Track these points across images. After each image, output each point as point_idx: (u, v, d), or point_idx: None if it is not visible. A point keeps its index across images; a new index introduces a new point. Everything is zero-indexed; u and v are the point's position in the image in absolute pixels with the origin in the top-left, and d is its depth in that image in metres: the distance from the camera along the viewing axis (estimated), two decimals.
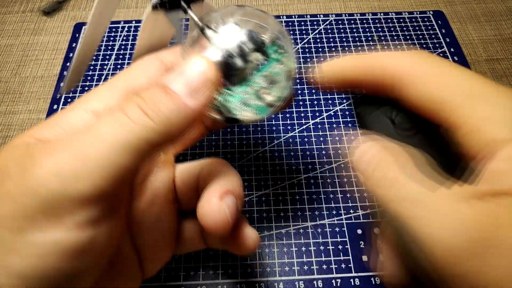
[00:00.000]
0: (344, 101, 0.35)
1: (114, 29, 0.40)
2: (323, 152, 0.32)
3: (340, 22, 0.41)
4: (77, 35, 0.40)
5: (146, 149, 0.15)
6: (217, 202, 0.18)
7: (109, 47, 0.39)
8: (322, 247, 0.28)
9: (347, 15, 0.42)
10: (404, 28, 0.40)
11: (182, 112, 0.16)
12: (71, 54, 0.39)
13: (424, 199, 0.15)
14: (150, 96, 0.16)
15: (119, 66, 0.37)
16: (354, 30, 0.40)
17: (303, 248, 0.28)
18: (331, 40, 0.39)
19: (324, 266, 0.27)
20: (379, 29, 0.40)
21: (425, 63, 0.17)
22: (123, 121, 0.15)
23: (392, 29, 0.40)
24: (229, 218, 0.18)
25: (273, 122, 0.34)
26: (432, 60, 0.17)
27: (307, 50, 0.39)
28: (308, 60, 0.38)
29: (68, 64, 0.38)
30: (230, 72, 0.19)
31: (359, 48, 0.39)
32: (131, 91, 0.19)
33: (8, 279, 0.13)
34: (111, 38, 0.40)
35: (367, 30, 0.40)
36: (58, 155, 0.14)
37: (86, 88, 0.36)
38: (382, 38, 0.39)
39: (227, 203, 0.18)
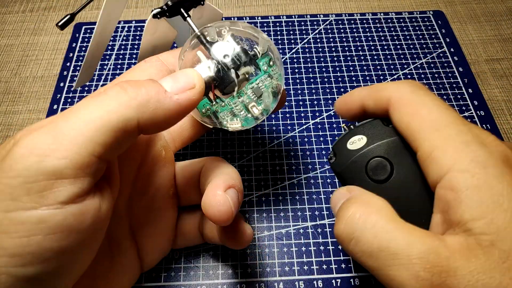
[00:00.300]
0: None
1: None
2: (323, 152, 0.32)
3: (340, 22, 0.41)
4: (77, 35, 0.40)
5: (123, 127, 0.16)
6: (222, 195, 0.19)
7: (109, 47, 0.39)
8: (322, 247, 0.28)
9: (347, 15, 0.42)
10: (404, 28, 0.40)
11: (161, 100, 0.17)
12: (71, 54, 0.39)
13: (390, 250, 0.15)
14: (135, 81, 0.17)
15: (119, 66, 0.37)
16: (354, 30, 0.40)
17: (303, 248, 0.28)
18: (331, 40, 0.39)
19: (324, 266, 0.27)
20: (379, 29, 0.40)
21: (410, 93, 0.19)
22: (101, 99, 0.16)
23: (392, 29, 0.40)
24: (232, 209, 0.19)
25: (273, 122, 0.34)
26: (417, 92, 0.19)
27: (307, 50, 0.39)
28: (308, 60, 0.38)
29: (68, 64, 0.38)
30: (222, 83, 0.20)
31: (359, 48, 0.39)
32: None
33: (0, 257, 0.14)
34: (111, 38, 0.40)
35: (367, 30, 0.40)
36: (36, 133, 0.15)
37: (86, 88, 0.36)
38: (382, 38, 0.39)
39: (231, 195, 0.20)
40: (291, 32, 0.40)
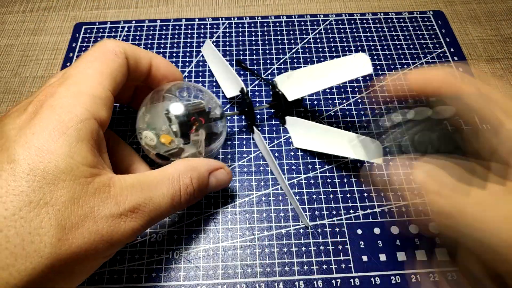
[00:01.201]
0: (344, 101, 0.35)
1: (114, 29, 0.40)
2: (323, 151, 0.32)
3: (340, 22, 0.41)
4: (77, 35, 0.40)
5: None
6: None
7: None
8: (322, 247, 0.28)
9: (347, 15, 0.42)
10: (404, 28, 0.40)
11: None
12: (71, 54, 0.39)
13: (485, 203, 0.17)
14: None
15: None
16: (354, 30, 0.40)
17: (303, 248, 0.28)
18: (331, 40, 0.39)
19: (324, 266, 0.27)
20: (379, 29, 0.40)
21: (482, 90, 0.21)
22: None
23: (392, 29, 0.40)
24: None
25: (273, 122, 0.34)
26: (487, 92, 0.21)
27: (307, 50, 0.39)
28: (309, 60, 0.38)
29: (68, 64, 0.38)
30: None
31: (359, 48, 0.39)
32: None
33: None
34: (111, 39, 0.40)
35: (367, 30, 0.40)
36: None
37: None
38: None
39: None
40: (291, 32, 0.40)
